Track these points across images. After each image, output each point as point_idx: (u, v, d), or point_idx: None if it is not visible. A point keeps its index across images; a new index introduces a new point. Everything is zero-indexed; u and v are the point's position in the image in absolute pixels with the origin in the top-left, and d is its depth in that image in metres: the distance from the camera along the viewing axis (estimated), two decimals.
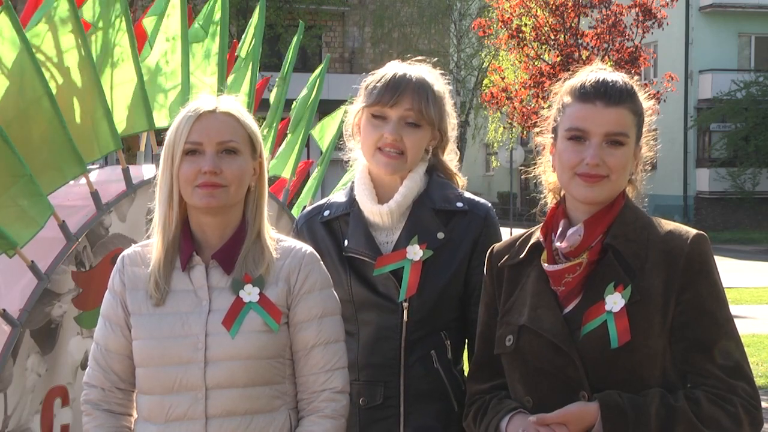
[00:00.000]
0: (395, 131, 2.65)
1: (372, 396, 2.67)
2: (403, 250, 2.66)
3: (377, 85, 2.69)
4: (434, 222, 2.69)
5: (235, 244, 2.39)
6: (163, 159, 2.38)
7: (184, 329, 2.34)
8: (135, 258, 2.45)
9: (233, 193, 2.36)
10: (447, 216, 2.71)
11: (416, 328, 2.67)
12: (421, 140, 2.70)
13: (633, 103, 2.31)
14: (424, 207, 2.71)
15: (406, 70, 2.71)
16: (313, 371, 2.41)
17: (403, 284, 2.64)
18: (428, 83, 2.71)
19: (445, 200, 2.72)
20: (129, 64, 3.90)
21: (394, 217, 2.71)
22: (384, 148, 2.67)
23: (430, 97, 2.69)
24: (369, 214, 2.73)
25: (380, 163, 2.68)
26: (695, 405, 2.17)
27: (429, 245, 2.66)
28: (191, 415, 2.32)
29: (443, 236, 2.68)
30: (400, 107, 2.66)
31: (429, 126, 2.71)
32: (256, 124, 2.46)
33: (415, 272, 2.64)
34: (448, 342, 2.70)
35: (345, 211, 2.76)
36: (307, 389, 2.42)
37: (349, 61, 32.54)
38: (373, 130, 2.68)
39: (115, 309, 2.43)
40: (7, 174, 3.30)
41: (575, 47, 15.31)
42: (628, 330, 2.18)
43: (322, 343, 2.41)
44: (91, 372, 2.45)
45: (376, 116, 2.68)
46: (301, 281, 2.41)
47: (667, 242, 2.27)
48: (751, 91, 29.96)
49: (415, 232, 2.67)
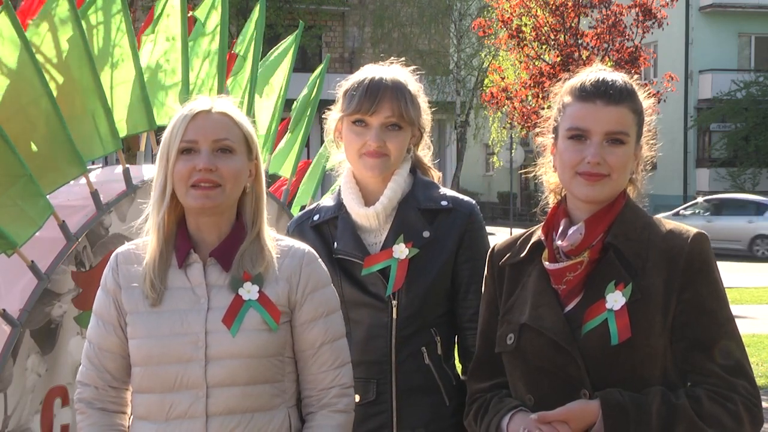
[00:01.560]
0: (378, 138, 2.70)
1: (365, 392, 2.71)
2: (389, 250, 2.71)
3: (354, 93, 2.73)
4: (420, 221, 2.74)
5: (233, 242, 2.39)
6: (159, 158, 2.38)
7: (184, 327, 2.33)
8: (129, 256, 2.44)
9: (228, 192, 2.35)
10: (432, 215, 2.76)
11: (406, 325, 2.71)
12: (404, 141, 2.76)
13: (633, 102, 2.32)
14: (410, 207, 2.76)
15: (381, 74, 2.75)
16: (323, 369, 2.41)
17: (390, 280, 2.69)
18: (404, 84, 2.75)
19: (430, 199, 2.78)
20: (129, 64, 3.90)
21: (380, 219, 2.76)
22: (368, 153, 2.72)
23: (408, 99, 2.73)
24: (356, 217, 2.78)
25: (366, 166, 2.73)
26: (696, 403, 2.17)
27: (415, 244, 2.71)
28: (192, 413, 2.31)
29: (429, 234, 2.73)
30: (381, 114, 2.70)
31: (409, 126, 2.76)
32: (252, 126, 2.45)
33: (401, 269, 2.69)
34: (438, 338, 2.74)
35: (333, 214, 2.81)
36: (316, 387, 2.42)
37: (349, 61, 32.55)
38: (356, 138, 2.72)
39: (107, 308, 2.42)
40: (7, 174, 3.30)
41: (575, 47, 15.31)
42: (628, 327, 2.19)
43: (329, 340, 2.42)
44: (84, 370, 2.45)
45: (356, 123, 2.73)
46: (305, 281, 2.40)
47: (667, 241, 2.27)
48: (751, 91, 29.99)
49: (401, 231, 2.73)
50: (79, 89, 3.70)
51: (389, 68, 2.80)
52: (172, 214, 2.39)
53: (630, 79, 2.37)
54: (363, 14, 32.25)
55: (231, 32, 14.63)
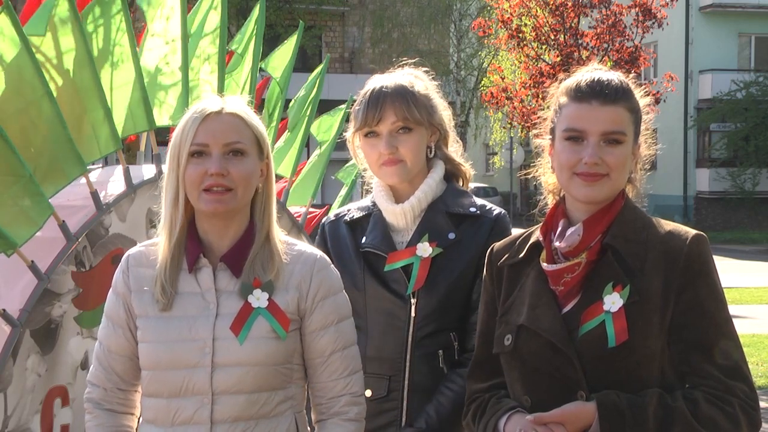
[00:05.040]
0: (389, 145, 2.75)
1: (377, 388, 2.74)
2: (413, 247, 2.75)
3: (360, 108, 2.80)
4: (446, 223, 2.78)
5: (244, 247, 2.36)
6: (169, 160, 2.35)
7: (192, 333, 2.31)
8: (140, 258, 2.41)
9: (240, 196, 2.33)
10: (459, 219, 2.80)
11: (423, 324, 2.73)
12: (417, 142, 2.78)
13: (629, 101, 2.31)
14: (438, 210, 2.80)
15: (382, 83, 2.80)
16: (333, 377, 2.39)
17: (412, 278, 2.73)
18: (406, 87, 2.78)
19: (459, 205, 2.81)
20: (129, 64, 3.90)
21: (409, 217, 2.80)
22: (385, 163, 2.77)
23: (410, 99, 2.76)
24: (387, 214, 2.83)
25: (386, 175, 2.80)
26: (693, 405, 2.17)
27: (439, 244, 2.74)
28: (197, 419, 2.30)
29: (454, 236, 2.76)
30: (387, 121, 2.75)
31: (420, 126, 2.78)
32: (263, 125, 2.42)
33: (423, 268, 2.73)
34: (456, 344, 2.75)
35: (367, 212, 2.88)
36: (326, 395, 2.41)
37: (349, 61, 32.56)
38: (371, 150, 2.79)
39: (117, 310, 2.40)
40: (7, 174, 3.30)
41: (575, 47, 15.32)
42: (626, 330, 2.18)
43: (340, 348, 2.39)
44: (94, 371, 2.44)
45: (368, 136, 2.79)
46: (315, 289, 2.37)
47: (666, 242, 2.27)
48: (751, 91, 29.96)
49: (427, 231, 2.76)
50: (79, 89, 3.70)
51: (393, 75, 2.84)
52: (183, 216, 2.36)
53: (626, 77, 2.37)
54: (363, 14, 32.23)
55: (231, 32, 14.63)
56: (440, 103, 2.87)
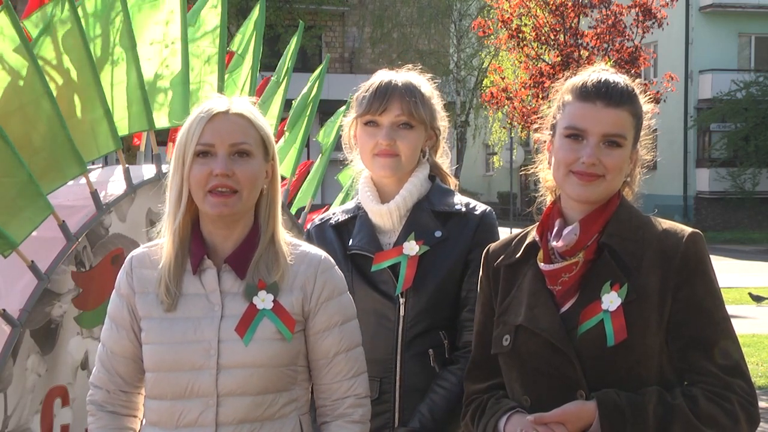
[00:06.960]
0: (388, 136, 2.75)
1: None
2: (400, 247, 2.74)
3: (366, 95, 2.79)
4: (432, 221, 2.77)
5: (249, 248, 2.34)
6: (174, 159, 2.34)
7: (197, 334, 2.30)
8: (143, 259, 2.40)
9: (246, 198, 2.31)
10: (445, 217, 2.79)
11: (413, 324, 2.72)
12: (415, 141, 2.79)
13: (633, 105, 2.32)
14: (423, 209, 2.80)
15: (392, 77, 2.81)
16: (337, 379, 2.39)
17: (400, 278, 2.72)
18: (415, 85, 2.80)
19: (445, 203, 2.81)
20: (129, 64, 3.90)
21: (395, 217, 2.80)
22: (380, 153, 2.76)
23: (418, 98, 2.78)
24: (372, 215, 2.82)
25: (378, 166, 2.78)
26: (693, 403, 2.17)
27: (426, 242, 2.73)
28: (202, 421, 2.28)
29: (441, 234, 2.76)
30: (390, 113, 2.75)
31: (421, 125, 2.79)
32: (269, 126, 2.41)
33: (411, 267, 2.72)
34: (446, 342, 2.74)
35: (352, 215, 2.87)
36: (330, 396, 2.40)
37: (349, 61, 32.55)
38: (368, 138, 2.78)
39: (120, 311, 2.39)
40: (6, 174, 3.30)
41: (575, 47, 15.32)
42: (624, 328, 2.19)
43: (344, 350, 2.39)
44: (96, 373, 2.43)
45: (368, 124, 2.78)
46: (319, 289, 2.37)
47: (662, 241, 2.27)
48: (751, 91, 29.95)
49: (413, 230, 2.76)
50: (78, 89, 3.70)
51: (403, 72, 2.85)
52: (187, 217, 2.34)
53: (632, 82, 2.37)
54: (363, 14, 32.22)
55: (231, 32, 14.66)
56: (441, 110, 2.89)
